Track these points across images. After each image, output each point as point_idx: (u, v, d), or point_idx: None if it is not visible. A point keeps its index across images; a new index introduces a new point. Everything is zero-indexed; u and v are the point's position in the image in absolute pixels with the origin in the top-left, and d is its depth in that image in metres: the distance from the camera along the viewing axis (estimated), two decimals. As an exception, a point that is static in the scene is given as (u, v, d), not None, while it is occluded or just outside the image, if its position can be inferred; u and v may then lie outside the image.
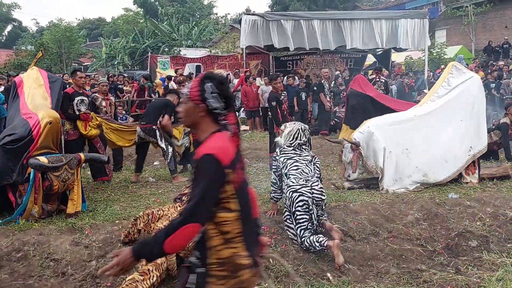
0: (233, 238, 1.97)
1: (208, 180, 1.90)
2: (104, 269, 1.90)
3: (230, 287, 1.95)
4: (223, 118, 2.09)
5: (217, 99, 2.05)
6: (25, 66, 21.20)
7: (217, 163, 1.91)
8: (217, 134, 2.04)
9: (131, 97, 13.54)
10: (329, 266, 3.87)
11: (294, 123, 4.98)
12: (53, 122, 4.93)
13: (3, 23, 52.63)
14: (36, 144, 4.79)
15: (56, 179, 4.65)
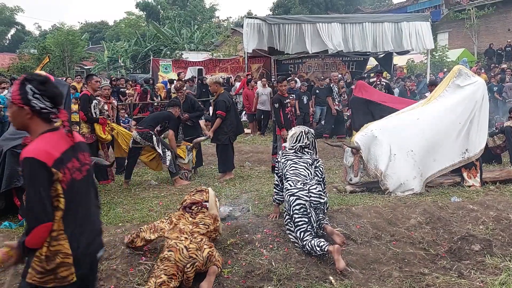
0: (56, 236, 2.06)
1: (33, 182, 1.99)
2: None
3: (46, 281, 2.06)
4: (54, 116, 2.14)
5: (40, 99, 2.10)
6: (28, 70, 21.27)
7: (38, 164, 1.99)
8: (43, 135, 2.10)
9: (134, 100, 13.61)
10: (332, 269, 3.87)
11: (299, 126, 5.00)
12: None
13: (7, 27, 52.89)
14: None
15: None
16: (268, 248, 4.14)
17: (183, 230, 3.75)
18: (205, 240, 3.67)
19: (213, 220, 3.99)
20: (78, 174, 2.16)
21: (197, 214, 4.01)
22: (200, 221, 3.92)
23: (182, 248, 3.52)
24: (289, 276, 3.71)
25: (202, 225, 3.89)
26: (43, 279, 2.06)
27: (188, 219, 3.95)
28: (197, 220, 3.93)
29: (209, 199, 4.20)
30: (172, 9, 40.70)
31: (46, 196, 2.01)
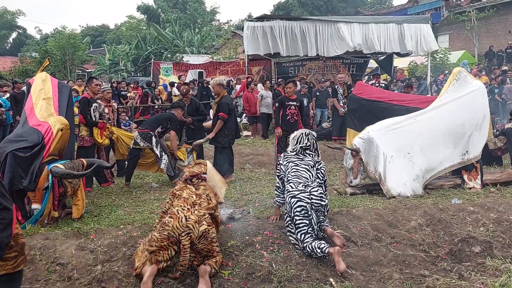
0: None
1: None
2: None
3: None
4: None
5: None
6: (30, 73, 21.36)
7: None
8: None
9: (135, 103, 13.64)
10: (332, 271, 3.87)
11: (301, 129, 5.03)
12: (64, 129, 4.98)
13: (8, 31, 52.98)
14: (48, 151, 4.82)
15: (70, 185, 4.76)
16: (268, 250, 4.15)
17: (187, 200, 3.85)
18: (206, 216, 3.71)
19: (214, 194, 4.16)
20: None
21: (199, 186, 4.14)
22: (203, 193, 4.03)
23: (182, 216, 3.61)
24: (289, 278, 3.72)
25: (205, 196, 3.99)
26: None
27: (192, 190, 4.05)
28: (200, 192, 4.04)
29: (207, 171, 4.35)
30: (173, 12, 40.79)
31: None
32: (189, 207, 3.74)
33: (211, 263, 3.63)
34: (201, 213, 3.68)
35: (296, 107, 7.68)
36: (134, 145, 6.66)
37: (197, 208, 3.76)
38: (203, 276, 3.47)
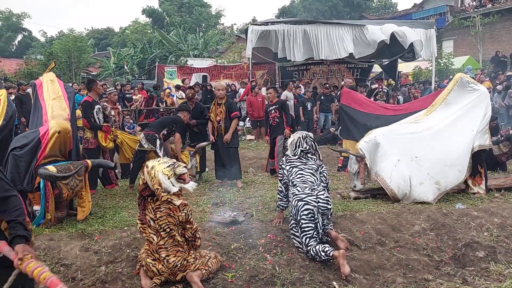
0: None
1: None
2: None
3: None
4: None
5: None
6: (35, 75, 21.44)
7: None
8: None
9: (139, 106, 13.69)
10: (335, 274, 3.87)
11: (297, 132, 5.02)
12: (61, 132, 4.88)
13: (14, 33, 53.34)
14: (43, 152, 4.81)
15: (65, 187, 4.69)
16: (272, 253, 4.16)
17: (151, 246, 3.59)
18: (178, 264, 3.51)
19: (172, 210, 3.52)
20: None
21: (155, 213, 3.53)
22: (160, 225, 3.52)
23: (155, 270, 3.53)
24: (292, 281, 3.72)
25: (163, 231, 3.52)
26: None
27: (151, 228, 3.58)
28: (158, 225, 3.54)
29: (145, 178, 3.57)
30: (179, 16, 40.95)
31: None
32: (157, 257, 3.53)
33: (201, 268, 3.61)
34: (170, 264, 3.50)
35: (276, 110, 7.85)
36: (139, 147, 6.69)
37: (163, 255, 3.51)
38: (196, 282, 3.47)
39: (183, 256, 3.55)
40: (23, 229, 2.33)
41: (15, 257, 2.25)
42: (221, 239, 4.42)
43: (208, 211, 5.40)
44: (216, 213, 5.24)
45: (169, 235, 3.53)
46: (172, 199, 3.47)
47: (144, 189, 3.59)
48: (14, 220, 2.31)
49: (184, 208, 3.55)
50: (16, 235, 2.30)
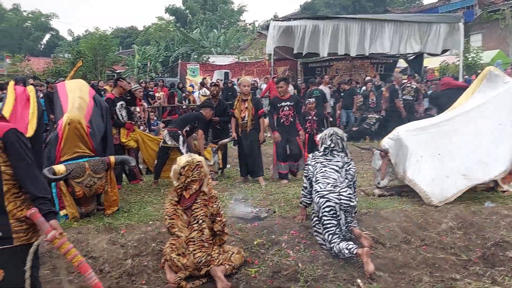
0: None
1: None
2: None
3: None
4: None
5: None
6: (62, 74, 21.94)
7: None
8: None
9: (163, 103, 13.86)
10: (360, 272, 3.83)
11: (328, 129, 4.97)
12: (71, 123, 4.84)
13: (42, 33, 54.80)
14: (59, 146, 4.86)
15: (78, 185, 4.70)
16: (294, 250, 4.15)
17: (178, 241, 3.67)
18: (204, 260, 3.57)
19: (207, 201, 3.69)
20: None
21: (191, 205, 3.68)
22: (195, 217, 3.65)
23: (181, 265, 3.59)
24: (316, 277, 3.70)
25: (196, 223, 3.64)
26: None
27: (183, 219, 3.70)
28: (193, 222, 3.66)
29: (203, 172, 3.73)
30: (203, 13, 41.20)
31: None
32: (184, 251, 3.60)
33: (225, 263, 3.65)
34: (196, 259, 3.56)
35: (290, 107, 7.00)
36: (163, 143, 6.76)
37: (191, 249, 3.59)
38: (220, 277, 3.50)
39: (207, 251, 3.59)
40: (53, 206, 2.48)
41: (49, 230, 2.36)
42: (244, 234, 4.43)
43: (230, 206, 5.42)
44: (238, 209, 5.25)
45: (200, 227, 3.60)
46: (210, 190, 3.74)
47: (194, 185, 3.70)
48: (44, 197, 2.44)
49: (216, 200, 3.71)
50: (50, 210, 2.43)
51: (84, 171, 4.71)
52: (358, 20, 13.77)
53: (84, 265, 2.44)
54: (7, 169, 2.43)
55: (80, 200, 4.84)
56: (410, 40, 13.67)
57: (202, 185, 3.71)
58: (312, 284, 3.62)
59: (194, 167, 3.68)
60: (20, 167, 2.43)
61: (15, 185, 2.46)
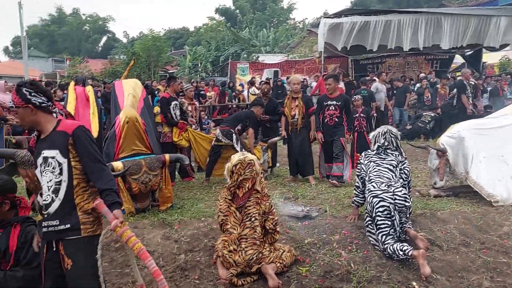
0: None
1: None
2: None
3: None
4: (52, 107, 2.64)
5: (36, 96, 2.56)
6: (118, 74, 22.87)
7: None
8: (64, 120, 2.69)
9: (213, 102, 14.11)
10: (415, 275, 3.71)
11: (382, 126, 4.85)
12: (129, 121, 5.04)
13: (100, 35, 57.48)
14: (118, 144, 5.06)
15: (135, 182, 4.88)
16: (346, 250, 4.09)
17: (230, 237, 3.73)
18: (255, 258, 3.61)
19: (260, 199, 3.76)
20: None
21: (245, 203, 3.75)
22: (247, 214, 3.72)
23: (232, 262, 3.64)
24: (369, 278, 3.63)
25: (249, 220, 3.70)
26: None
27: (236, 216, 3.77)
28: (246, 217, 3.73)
29: (255, 171, 3.79)
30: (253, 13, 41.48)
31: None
32: (235, 247, 3.64)
33: (276, 261, 3.66)
34: (247, 256, 3.60)
35: (336, 107, 6.63)
36: (216, 141, 6.88)
37: (243, 246, 3.64)
38: (270, 275, 3.52)
39: (258, 249, 3.62)
40: (118, 197, 2.61)
41: (113, 219, 2.50)
42: (295, 233, 4.42)
43: (280, 205, 5.43)
44: (288, 208, 5.24)
45: (253, 225, 3.65)
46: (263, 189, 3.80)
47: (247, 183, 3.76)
48: (110, 189, 2.59)
49: (268, 198, 3.76)
50: (115, 201, 2.57)
51: (140, 168, 4.89)
52: (412, 14, 13.30)
53: (144, 252, 2.55)
54: (77, 164, 2.59)
55: (136, 196, 5.03)
56: (467, 34, 13.01)
57: (255, 183, 3.75)
58: (365, 285, 3.56)
59: (246, 165, 3.74)
60: (88, 161, 2.59)
61: (84, 179, 2.62)
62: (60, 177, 2.56)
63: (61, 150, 2.56)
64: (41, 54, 46.91)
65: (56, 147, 2.57)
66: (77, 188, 2.59)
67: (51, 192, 2.57)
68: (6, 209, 2.71)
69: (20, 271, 2.63)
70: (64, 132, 2.58)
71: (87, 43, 55.01)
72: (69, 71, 27.40)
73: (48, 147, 2.59)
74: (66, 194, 2.56)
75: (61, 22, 55.26)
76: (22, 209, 2.84)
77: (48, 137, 2.61)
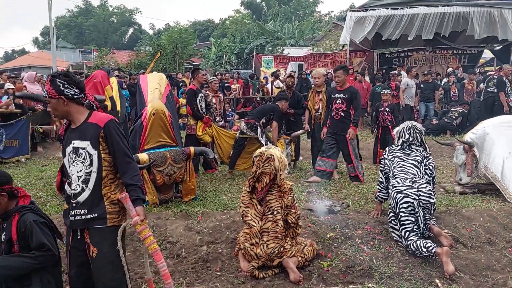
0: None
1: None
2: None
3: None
4: (84, 99, 2.68)
5: (69, 88, 2.62)
6: (144, 66, 23.18)
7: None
8: (96, 111, 2.72)
9: (237, 94, 14.15)
10: (438, 272, 3.67)
11: (406, 122, 4.80)
12: (156, 113, 5.11)
13: (126, 27, 58.28)
14: (144, 135, 5.14)
15: (159, 174, 4.94)
16: (369, 245, 4.07)
17: (252, 230, 3.74)
18: (276, 252, 3.62)
19: (283, 192, 3.73)
20: None
21: (266, 196, 3.75)
22: (269, 208, 3.71)
23: (253, 255, 3.67)
24: (391, 275, 3.61)
25: (271, 213, 3.69)
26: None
27: (257, 208, 3.77)
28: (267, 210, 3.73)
29: (274, 165, 3.73)
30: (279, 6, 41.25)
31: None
32: (257, 240, 3.66)
33: (297, 255, 3.67)
34: (269, 249, 3.61)
35: (343, 100, 6.22)
36: (240, 134, 6.92)
37: (264, 239, 3.65)
38: (292, 268, 3.54)
39: (280, 242, 3.64)
40: (142, 193, 2.67)
41: (135, 215, 2.59)
42: (317, 227, 4.43)
43: (303, 198, 5.43)
44: (311, 201, 5.25)
45: (275, 218, 3.65)
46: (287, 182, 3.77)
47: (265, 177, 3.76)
48: (135, 185, 2.65)
49: (290, 192, 3.74)
50: (138, 197, 2.64)
51: (165, 160, 4.97)
52: (440, 8, 12.98)
53: (158, 253, 2.61)
54: (106, 156, 2.67)
55: (160, 188, 5.11)
56: (496, 27, 12.61)
57: (275, 179, 3.73)
58: (386, 281, 3.54)
59: (265, 159, 3.74)
60: (117, 155, 2.66)
61: (112, 171, 2.70)
62: (90, 168, 2.64)
63: (92, 142, 2.63)
64: (69, 45, 47.95)
65: (87, 138, 2.64)
66: (105, 180, 2.67)
67: (80, 182, 2.65)
68: (4, 200, 2.78)
69: (31, 254, 2.69)
70: (96, 124, 2.64)
71: (115, 35, 55.85)
72: (96, 62, 27.89)
73: (79, 137, 2.66)
74: (95, 185, 2.64)
75: (88, 13, 56.26)
76: (21, 198, 2.89)
77: (79, 128, 2.68)
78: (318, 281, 3.54)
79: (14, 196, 2.84)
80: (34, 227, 2.71)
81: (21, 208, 2.81)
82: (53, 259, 2.73)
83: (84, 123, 2.68)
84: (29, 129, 8.52)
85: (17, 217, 2.76)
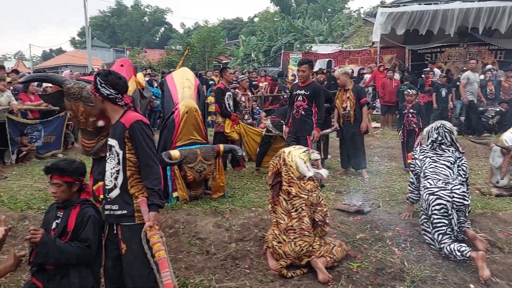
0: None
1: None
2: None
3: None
4: (120, 100, 2.71)
5: (105, 87, 2.69)
6: (174, 64, 23.46)
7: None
8: (129, 111, 2.75)
9: (265, 92, 14.12)
10: (473, 277, 3.56)
11: (435, 121, 4.66)
12: (189, 111, 5.16)
13: (158, 26, 59.18)
14: (176, 132, 5.20)
15: (190, 170, 5.00)
16: (400, 247, 3.99)
17: (279, 226, 3.74)
18: (305, 250, 3.60)
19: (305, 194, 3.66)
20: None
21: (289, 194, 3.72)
22: (293, 205, 3.67)
23: (282, 253, 3.65)
24: (423, 278, 3.52)
25: (295, 211, 3.65)
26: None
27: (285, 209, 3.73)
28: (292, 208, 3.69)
29: (279, 163, 3.82)
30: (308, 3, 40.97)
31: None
32: (285, 238, 3.64)
33: (326, 255, 3.62)
34: (297, 247, 3.59)
35: (304, 97, 5.74)
36: (266, 132, 6.92)
37: (292, 237, 3.63)
38: (320, 269, 3.50)
39: (309, 241, 3.60)
40: (158, 198, 2.66)
41: (147, 220, 2.60)
42: (346, 228, 4.37)
43: (332, 198, 5.37)
44: (340, 201, 5.18)
45: (299, 215, 3.61)
46: (304, 184, 3.68)
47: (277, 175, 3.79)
48: (152, 189, 2.66)
49: (316, 189, 3.70)
50: (153, 203, 2.64)
51: (196, 157, 5.02)
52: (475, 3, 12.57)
53: (164, 262, 2.58)
54: (131, 156, 2.69)
55: (190, 184, 5.17)
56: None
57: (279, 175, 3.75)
58: (418, 285, 3.45)
59: (276, 156, 3.84)
60: (140, 156, 2.67)
61: (137, 171, 2.71)
62: (118, 167, 2.70)
63: (119, 142, 2.68)
64: (104, 44, 49.10)
65: (116, 137, 2.70)
66: (131, 179, 2.69)
67: (113, 179, 2.71)
68: (75, 190, 2.88)
69: (76, 245, 2.75)
70: (123, 124, 2.68)
71: (147, 35, 56.81)
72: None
73: (112, 135, 2.74)
74: (123, 183, 2.69)
75: (120, 13, 57.42)
76: (84, 193, 2.98)
77: (113, 126, 2.76)
78: (348, 283, 3.48)
79: (82, 189, 2.95)
80: (90, 221, 2.80)
81: (84, 201, 2.92)
82: (89, 257, 2.79)
83: (117, 122, 2.74)
84: (64, 126, 8.76)
85: (78, 209, 2.84)
